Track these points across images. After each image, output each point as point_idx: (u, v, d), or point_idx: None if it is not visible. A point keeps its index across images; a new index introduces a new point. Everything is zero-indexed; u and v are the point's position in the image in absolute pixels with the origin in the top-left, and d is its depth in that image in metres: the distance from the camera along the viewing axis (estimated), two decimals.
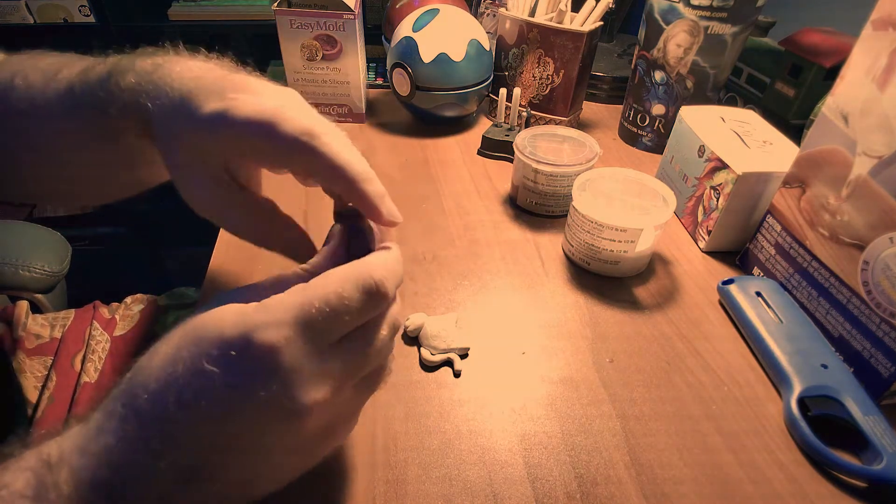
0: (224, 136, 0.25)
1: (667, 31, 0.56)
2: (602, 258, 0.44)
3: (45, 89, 0.31)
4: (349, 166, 0.24)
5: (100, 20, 1.25)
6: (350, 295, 0.21)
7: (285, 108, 0.25)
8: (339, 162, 0.24)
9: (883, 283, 0.33)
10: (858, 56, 0.35)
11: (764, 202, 0.44)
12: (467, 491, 0.29)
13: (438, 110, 0.62)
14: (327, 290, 0.20)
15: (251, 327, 0.19)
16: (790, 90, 0.58)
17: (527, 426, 0.33)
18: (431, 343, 0.37)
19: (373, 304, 0.21)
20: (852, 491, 0.30)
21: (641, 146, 0.64)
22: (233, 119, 0.24)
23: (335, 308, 0.20)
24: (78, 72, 0.30)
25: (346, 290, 0.21)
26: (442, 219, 0.51)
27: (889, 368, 0.33)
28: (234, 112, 0.24)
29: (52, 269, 0.68)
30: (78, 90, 0.30)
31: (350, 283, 0.21)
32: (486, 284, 0.44)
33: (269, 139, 0.24)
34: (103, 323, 0.54)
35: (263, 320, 0.20)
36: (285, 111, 0.24)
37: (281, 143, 0.24)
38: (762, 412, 0.34)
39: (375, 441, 0.31)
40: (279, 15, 0.57)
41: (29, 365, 0.49)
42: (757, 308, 0.39)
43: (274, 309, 0.20)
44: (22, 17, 1.22)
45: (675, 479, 0.30)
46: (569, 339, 0.39)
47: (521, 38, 0.61)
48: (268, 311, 0.20)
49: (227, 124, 0.24)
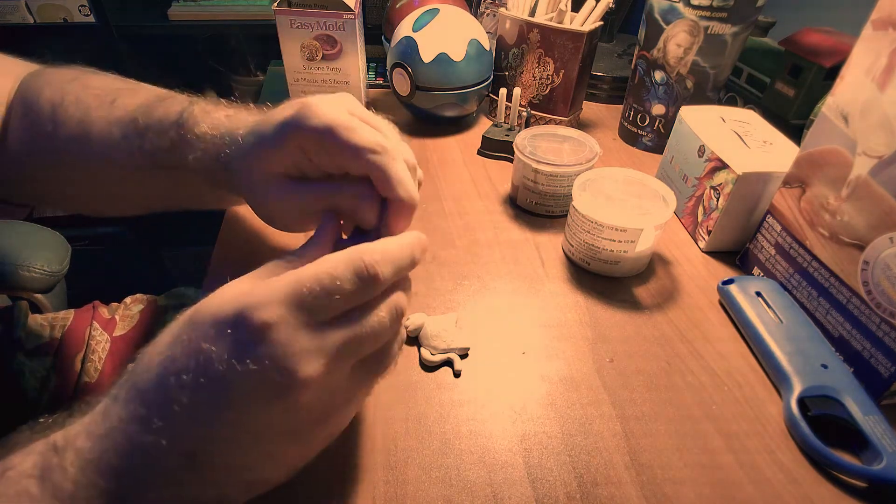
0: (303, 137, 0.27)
1: (667, 31, 0.56)
2: (602, 258, 0.44)
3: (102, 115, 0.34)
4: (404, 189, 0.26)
5: (100, 20, 1.25)
6: (341, 275, 0.21)
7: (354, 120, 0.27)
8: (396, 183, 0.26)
9: (883, 283, 0.33)
10: (858, 56, 0.35)
11: (764, 202, 0.44)
12: (467, 491, 0.29)
13: (438, 110, 0.62)
14: (319, 271, 0.21)
15: (245, 305, 0.20)
16: (790, 90, 0.58)
17: (527, 426, 0.33)
18: (431, 343, 0.37)
19: (363, 285, 0.22)
20: (852, 491, 0.30)
21: (641, 146, 0.64)
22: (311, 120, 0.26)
23: (326, 287, 0.21)
24: (139, 104, 0.34)
25: (338, 270, 0.21)
26: (442, 219, 0.51)
27: (889, 368, 0.33)
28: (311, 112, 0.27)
29: (52, 269, 0.68)
30: (142, 124, 0.33)
31: (342, 265, 0.22)
32: (486, 284, 0.44)
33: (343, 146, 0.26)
34: (103, 323, 0.54)
35: (257, 299, 0.20)
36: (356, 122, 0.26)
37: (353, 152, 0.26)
38: (762, 412, 0.34)
39: (375, 441, 0.31)
40: (279, 15, 0.57)
41: (29, 365, 0.49)
42: (757, 308, 0.39)
43: (267, 288, 0.21)
44: (22, 16, 1.22)
45: (676, 480, 0.30)
46: (569, 339, 0.39)
47: (521, 38, 0.61)
48: (261, 290, 0.21)
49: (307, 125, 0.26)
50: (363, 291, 0.22)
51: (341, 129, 0.26)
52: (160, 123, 0.32)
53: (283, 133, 0.27)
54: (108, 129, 0.33)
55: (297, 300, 0.20)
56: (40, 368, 0.49)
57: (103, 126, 0.33)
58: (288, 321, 0.20)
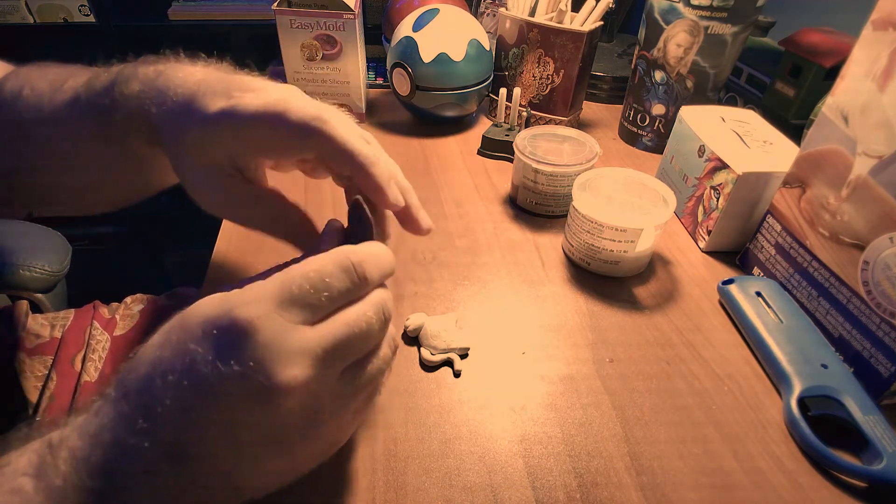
0: (233, 131, 0.26)
1: (667, 31, 0.56)
2: (602, 258, 0.44)
3: (52, 98, 0.32)
4: (356, 150, 0.26)
5: (100, 20, 1.25)
6: (330, 273, 0.21)
7: (290, 98, 0.26)
8: (348, 146, 0.26)
9: (883, 283, 0.33)
10: (858, 56, 0.35)
11: (764, 202, 0.44)
12: (467, 491, 0.29)
13: (438, 110, 0.62)
14: (307, 269, 0.21)
15: (231, 306, 0.20)
16: (790, 90, 0.58)
17: (527, 426, 0.33)
18: (431, 343, 0.37)
19: (352, 285, 0.22)
20: (852, 491, 0.30)
21: (641, 146, 0.64)
22: (242, 114, 0.25)
23: (315, 285, 0.21)
24: (84, 81, 0.32)
25: (326, 269, 0.21)
26: (442, 219, 0.51)
27: (889, 368, 0.33)
28: (242, 108, 0.25)
29: (52, 269, 0.68)
30: (84, 98, 0.31)
31: (330, 264, 0.21)
32: (486, 284, 0.44)
33: (279, 127, 0.25)
34: (103, 323, 0.54)
35: (244, 299, 0.20)
36: (291, 101, 0.25)
37: (292, 130, 0.25)
38: (762, 412, 0.34)
39: (375, 441, 0.31)
40: (279, 15, 0.57)
41: (29, 365, 0.49)
42: (757, 308, 0.39)
43: (254, 289, 0.21)
44: (22, 16, 1.22)
45: (675, 479, 0.30)
46: (569, 339, 0.39)
47: (521, 37, 0.61)
48: (248, 291, 0.21)
49: (237, 119, 0.25)
50: (351, 290, 0.22)
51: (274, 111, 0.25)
52: (97, 92, 0.30)
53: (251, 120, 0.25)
54: (55, 110, 0.32)
55: (285, 297, 0.20)
56: (40, 368, 0.49)
57: (52, 109, 0.32)
58: (274, 320, 0.20)
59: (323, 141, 0.25)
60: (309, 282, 0.21)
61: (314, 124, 0.25)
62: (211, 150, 0.27)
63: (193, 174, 0.28)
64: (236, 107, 0.26)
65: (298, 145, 0.26)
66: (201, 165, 0.27)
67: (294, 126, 0.25)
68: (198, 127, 0.26)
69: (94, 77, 0.31)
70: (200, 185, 0.28)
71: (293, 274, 0.21)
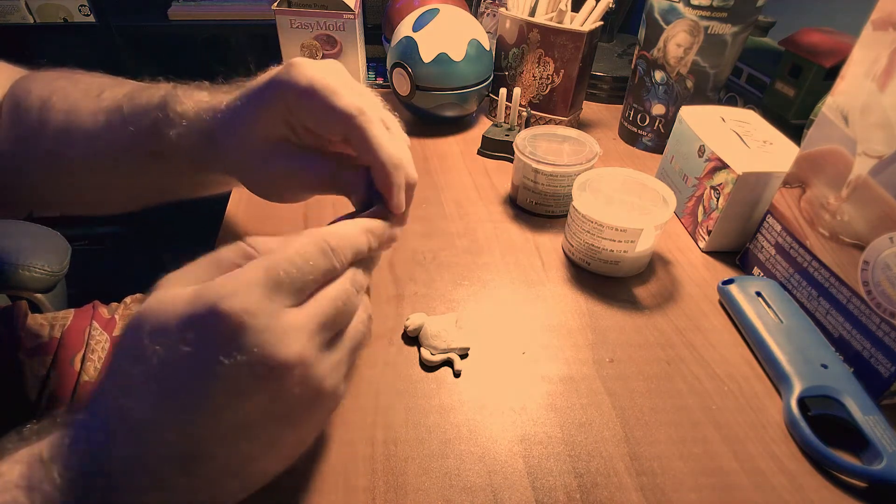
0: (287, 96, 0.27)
1: (667, 31, 0.55)
2: (602, 258, 0.44)
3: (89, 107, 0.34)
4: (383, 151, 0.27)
5: (100, 20, 1.25)
6: (312, 255, 0.22)
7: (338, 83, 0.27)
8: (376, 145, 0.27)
9: (883, 283, 0.33)
10: (858, 56, 0.35)
11: (764, 202, 0.44)
12: (467, 491, 0.29)
13: (438, 110, 0.62)
14: (291, 253, 0.21)
15: (215, 299, 0.20)
16: (790, 90, 0.58)
17: (527, 426, 0.33)
18: (431, 343, 0.37)
19: (331, 266, 0.23)
20: (852, 491, 0.30)
21: (641, 146, 0.64)
22: (297, 77, 0.27)
23: (300, 268, 0.21)
24: (124, 94, 0.34)
25: (309, 251, 0.22)
26: (442, 219, 0.51)
27: (889, 368, 0.33)
28: (297, 71, 0.27)
29: (52, 269, 0.68)
30: (127, 110, 0.33)
31: (311, 246, 0.22)
32: (486, 284, 0.44)
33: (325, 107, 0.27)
34: (103, 323, 0.54)
35: (228, 290, 0.20)
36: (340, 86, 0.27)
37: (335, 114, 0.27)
38: (762, 412, 0.34)
39: (375, 441, 0.31)
40: (279, 15, 0.57)
41: (28, 365, 0.49)
42: (757, 308, 0.39)
43: (238, 278, 0.20)
44: (22, 16, 1.22)
45: (675, 479, 0.30)
46: (569, 339, 0.39)
47: (521, 37, 0.61)
48: (231, 281, 0.20)
49: (292, 81, 0.27)
50: (330, 270, 0.23)
51: (323, 90, 0.27)
52: (144, 107, 0.32)
53: (267, 91, 0.28)
54: (94, 119, 0.34)
55: (272, 283, 0.21)
56: (40, 368, 0.49)
57: (89, 117, 0.34)
58: (266, 305, 0.20)
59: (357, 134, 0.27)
60: (295, 266, 0.21)
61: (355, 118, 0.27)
62: (268, 117, 0.29)
63: (257, 154, 0.30)
64: (292, 68, 0.27)
65: (336, 129, 0.28)
66: (262, 140, 0.29)
67: (338, 112, 0.27)
68: (254, 101, 0.29)
69: (137, 91, 0.34)
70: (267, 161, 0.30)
71: (277, 259, 0.21)
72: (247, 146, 0.30)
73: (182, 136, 0.32)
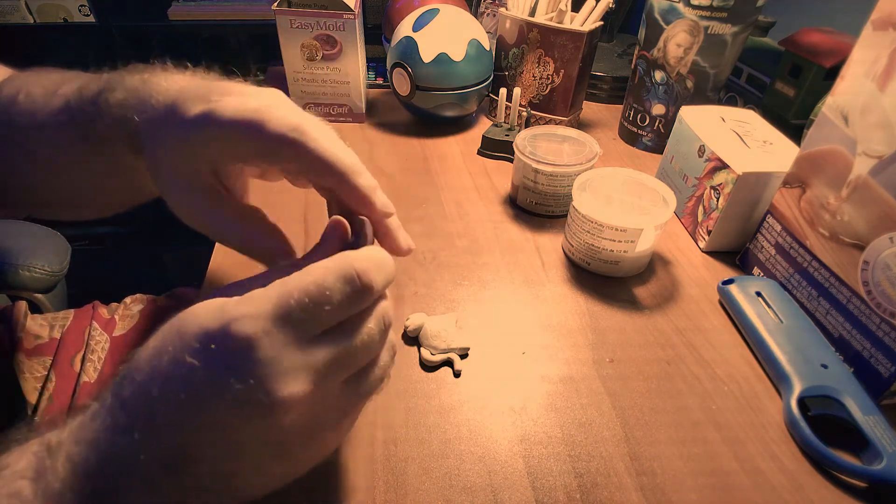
0: (211, 137, 0.25)
1: (667, 31, 0.55)
2: (602, 258, 0.44)
3: (45, 104, 0.32)
4: (338, 160, 0.25)
5: (100, 20, 1.25)
6: (331, 285, 0.20)
7: (271, 106, 0.25)
8: (328, 156, 0.24)
9: (883, 283, 0.33)
10: (858, 56, 0.35)
11: (764, 202, 0.44)
12: (467, 491, 0.29)
13: (438, 110, 0.62)
14: (307, 281, 0.20)
15: (229, 320, 0.19)
16: (790, 90, 0.58)
17: (527, 426, 0.33)
18: (431, 343, 0.37)
19: (355, 295, 0.21)
20: (852, 491, 0.30)
21: (641, 146, 0.64)
22: (219, 119, 0.24)
23: (315, 298, 0.20)
24: (75, 88, 0.31)
25: (328, 280, 0.20)
26: (442, 219, 0.51)
27: (889, 368, 0.33)
28: (219, 112, 0.24)
29: (52, 269, 0.68)
30: (73, 105, 0.30)
31: (331, 274, 0.20)
32: (486, 284, 0.44)
33: (256, 137, 0.24)
34: (102, 323, 0.54)
35: (242, 312, 0.19)
36: (271, 109, 0.24)
37: (269, 140, 0.24)
38: (762, 412, 0.34)
39: (375, 441, 0.31)
40: (279, 15, 0.57)
41: (28, 365, 0.49)
42: (757, 308, 0.39)
43: (253, 301, 0.20)
44: (22, 16, 1.22)
45: (675, 479, 0.30)
46: (569, 339, 0.39)
47: (521, 37, 0.61)
48: (247, 303, 0.20)
49: (214, 125, 0.24)
50: (354, 301, 0.21)
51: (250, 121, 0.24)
52: (85, 100, 0.30)
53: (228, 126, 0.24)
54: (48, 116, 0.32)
55: (284, 313, 0.20)
56: (39, 369, 0.49)
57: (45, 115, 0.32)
58: (274, 336, 0.19)
59: (301, 152, 0.24)
60: (308, 295, 0.20)
61: (292, 136, 0.24)
62: (189, 156, 0.26)
63: (171, 183, 0.27)
64: (213, 111, 0.24)
65: (275, 156, 0.25)
66: (181, 173, 0.26)
67: (271, 136, 0.24)
68: (176, 134, 0.26)
69: (85, 84, 0.31)
70: (181, 196, 0.27)
71: (290, 287, 0.20)
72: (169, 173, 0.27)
73: (108, 128, 0.29)
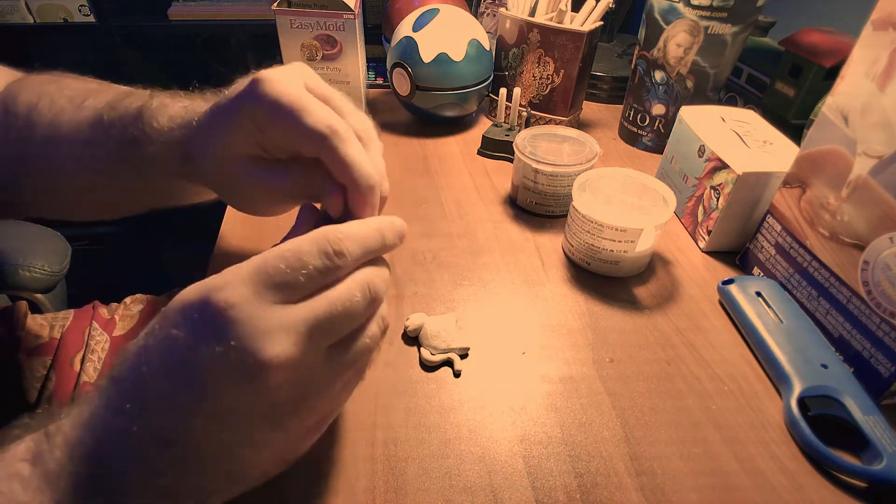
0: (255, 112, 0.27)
1: (667, 31, 0.56)
2: (602, 258, 0.44)
3: (73, 116, 0.34)
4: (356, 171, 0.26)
5: (100, 20, 1.25)
6: (305, 252, 0.21)
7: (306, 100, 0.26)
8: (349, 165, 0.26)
9: (883, 283, 0.33)
10: (858, 56, 0.35)
11: (764, 202, 0.44)
12: (467, 490, 0.29)
13: (438, 110, 0.62)
14: (282, 248, 0.21)
15: (208, 290, 0.20)
16: (790, 90, 0.58)
17: (527, 426, 0.33)
18: (431, 343, 0.37)
19: (329, 262, 0.22)
20: (852, 491, 0.30)
21: (641, 146, 0.64)
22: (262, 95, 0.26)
23: (290, 264, 0.21)
24: (105, 102, 0.34)
25: (302, 247, 0.21)
26: (442, 219, 0.51)
27: (889, 368, 0.33)
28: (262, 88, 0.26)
29: (52, 269, 0.68)
30: (107, 121, 0.33)
31: (306, 242, 0.21)
32: (486, 284, 0.44)
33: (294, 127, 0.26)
34: (102, 323, 0.54)
35: (220, 282, 0.20)
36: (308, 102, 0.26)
37: (305, 134, 0.26)
38: (762, 412, 0.34)
39: (375, 441, 0.31)
40: (279, 15, 0.57)
41: (28, 365, 0.49)
42: (757, 308, 0.39)
43: (231, 272, 0.21)
44: (22, 16, 1.22)
45: (675, 479, 0.30)
46: (569, 339, 0.39)
47: (521, 37, 0.61)
48: (225, 275, 0.21)
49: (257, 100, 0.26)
50: (330, 269, 0.22)
51: (291, 109, 0.25)
52: (122, 120, 0.33)
53: (234, 109, 0.27)
54: (77, 128, 0.34)
55: (261, 278, 0.20)
56: (39, 369, 0.49)
57: (73, 126, 0.34)
58: (252, 302, 0.20)
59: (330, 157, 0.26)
60: (284, 261, 0.21)
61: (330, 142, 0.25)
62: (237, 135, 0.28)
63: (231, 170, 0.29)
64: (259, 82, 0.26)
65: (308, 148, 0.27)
66: (234, 156, 0.29)
67: (309, 130, 0.25)
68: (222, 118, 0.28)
69: (117, 100, 0.33)
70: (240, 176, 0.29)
71: (268, 255, 0.21)
72: (220, 162, 0.30)
73: (158, 152, 0.32)
